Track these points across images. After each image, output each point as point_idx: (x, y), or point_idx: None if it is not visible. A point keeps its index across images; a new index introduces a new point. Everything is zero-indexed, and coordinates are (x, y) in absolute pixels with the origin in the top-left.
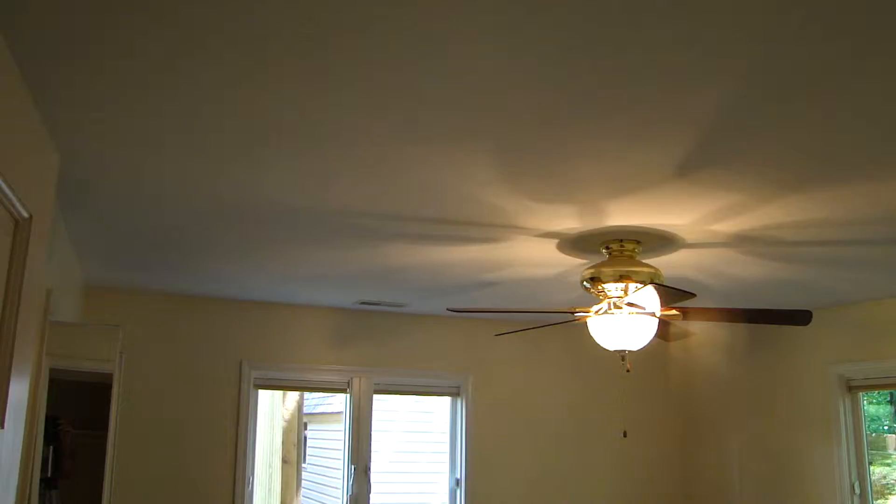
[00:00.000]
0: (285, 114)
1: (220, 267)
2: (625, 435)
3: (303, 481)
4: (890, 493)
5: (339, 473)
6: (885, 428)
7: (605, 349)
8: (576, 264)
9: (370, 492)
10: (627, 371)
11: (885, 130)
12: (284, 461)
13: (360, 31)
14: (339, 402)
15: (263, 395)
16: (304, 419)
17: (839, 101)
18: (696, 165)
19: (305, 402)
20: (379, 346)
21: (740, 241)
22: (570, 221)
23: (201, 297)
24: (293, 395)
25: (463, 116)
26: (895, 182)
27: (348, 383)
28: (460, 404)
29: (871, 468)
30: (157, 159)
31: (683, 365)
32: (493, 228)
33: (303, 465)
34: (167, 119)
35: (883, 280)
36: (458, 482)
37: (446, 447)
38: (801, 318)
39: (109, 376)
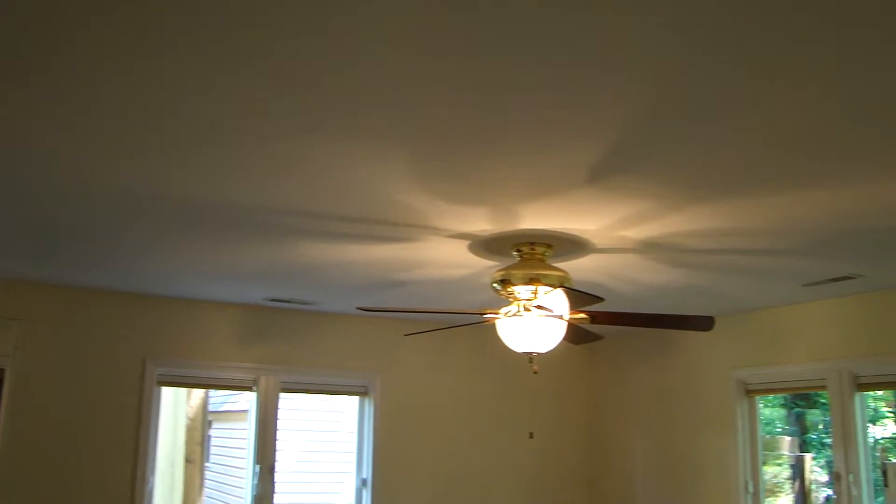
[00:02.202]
0: (187, 108)
1: (125, 261)
2: (531, 436)
3: (206, 481)
4: (780, 492)
5: (244, 473)
6: (779, 430)
7: (513, 351)
8: (486, 266)
9: (275, 492)
10: (535, 373)
11: (784, 148)
12: (187, 460)
13: (264, 24)
14: (245, 401)
15: (167, 392)
16: (209, 417)
17: (742, 117)
18: (606, 172)
19: (210, 400)
20: (287, 344)
21: (647, 248)
22: (482, 223)
23: (104, 291)
24: (198, 393)
25: (376, 115)
26: (792, 195)
27: (255, 381)
28: (368, 404)
29: (764, 468)
30: (53, 151)
31: (590, 367)
32: (404, 228)
33: (206, 464)
34: (62, 112)
35: (780, 289)
36: (364, 482)
37: (353, 447)
38: (703, 323)
39: (2, 371)
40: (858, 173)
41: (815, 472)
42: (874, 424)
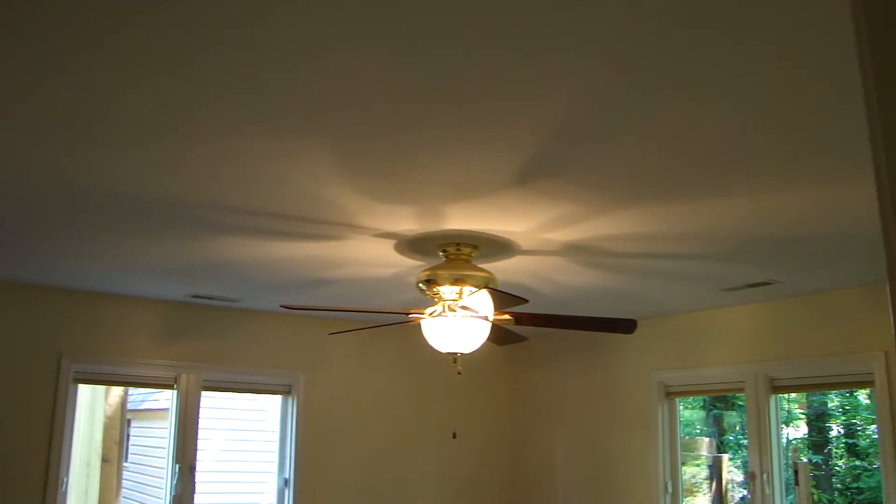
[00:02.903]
0: (117, 104)
1: (41, 254)
2: (454, 436)
3: (124, 481)
4: (698, 492)
5: (164, 473)
6: (698, 431)
7: (438, 351)
8: (412, 266)
9: (195, 492)
10: (459, 373)
11: (706, 157)
12: (104, 460)
13: (196, 23)
14: (165, 399)
15: (84, 389)
16: (128, 416)
17: (664, 127)
18: (533, 175)
19: (130, 398)
20: (209, 342)
21: (572, 251)
22: (408, 223)
23: (18, 285)
24: (117, 391)
25: (302, 111)
26: (708, 203)
27: (175, 379)
28: (291, 403)
29: (683, 468)
30: None
31: (514, 368)
32: (330, 226)
33: (124, 464)
34: None
35: (701, 293)
36: (286, 482)
37: (276, 447)
38: (626, 326)
39: None
40: (769, 184)
41: (732, 472)
42: (787, 426)
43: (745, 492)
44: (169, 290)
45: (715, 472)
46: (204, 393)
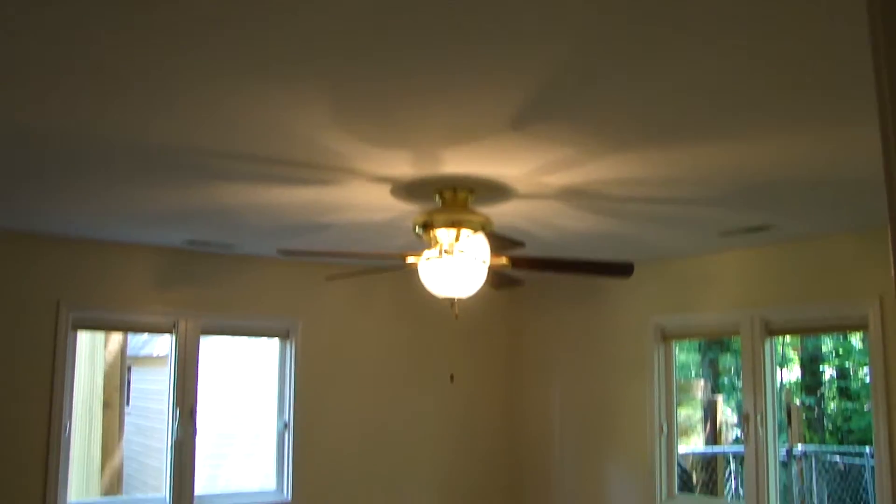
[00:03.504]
0: (105, 47)
1: (38, 202)
2: (452, 379)
3: (126, 426)
4: (693, 433)
5: (165, 417)
6: (693, 374)
7: (435, 295)
8: (408, 210)
9: (196, 435)
10: (456, 317)
11: (704, 100)
12: (106, 405)
13: None
14: (165, 345)
15: (84, 336)
16: (128, 362)
17: (663, 68)
18: (530, 119)
19: (129, 345)
20: (207, 287)
21: (569, 195)
22: (404, 167)
23: (16, 233)
24: (116, 338)
25: (297, 54)
26: (709, 146)
27: (174, 324)
28: (289, 347)
29: (679, 410)
30: None
31: (511, 312)
32: (326, 171)
33: (126, 408)
34: None
35: (698, 237)
36: (286, 425)
37: (275, 390)
38: (623, 270)
39: None
40: (769, 126)
41: (726, 413)
42: (781, 368)
43: (739, 432)
44: (166, 237)
45: (709, 413)
46: (203, 337)
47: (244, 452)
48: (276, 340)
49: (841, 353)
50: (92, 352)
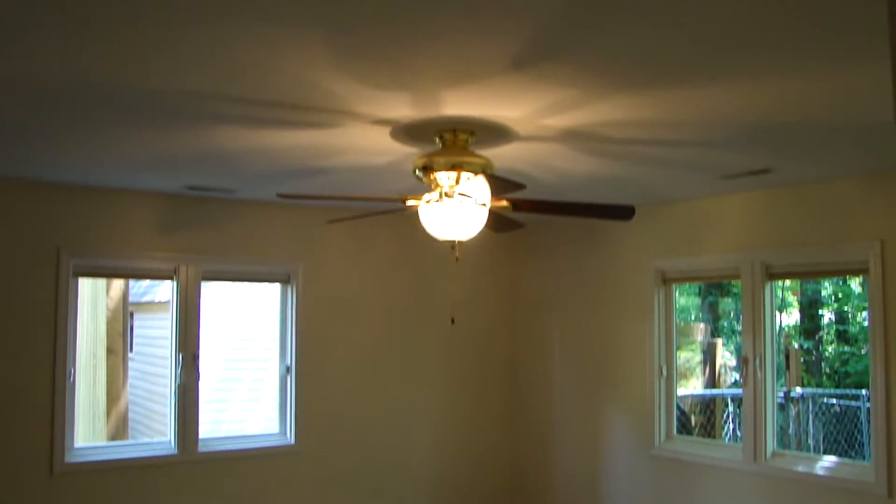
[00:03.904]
0: None
1: (36, 149)
2: (452, 322)
3: (130, 371)
4: (692, 376)
5: (168, 363)
6: (693, 318)
7: (435, 238)
8: (408, 153)
9: (199, 380)
10: (457, 260)
11: (707, 41)
12: (110, 351)
13: None
14: (166, 291)
15: (85, 283)
16: (130, 308)
17: (667, 5)
18: (531, 58)
19: (131, 292)
20: (207, 233)
21: (570, 137)
22: (403, 109)
23: (13, 181)
24: (118, 284)
25: None
26: (712, 88)
27: (175, 270)
28: (291, 291)
29: (678, 353)
30: None
31: (512, 256)
32: (324, 113)
33: (130, 354)
34: None
35: (699, 181)
36: (288, 369)
37: (277, 335)
38: (624, 213)
39: None
40: (774, 66)
41: (725, 356)
42: (780, 312)
43: (738, 375)
44: (165, 183)
45: (709, 356)
46: (204, 283)
47: (247, 397)
48: (277, 285)
49: (840, 297)
50: (94, 298)
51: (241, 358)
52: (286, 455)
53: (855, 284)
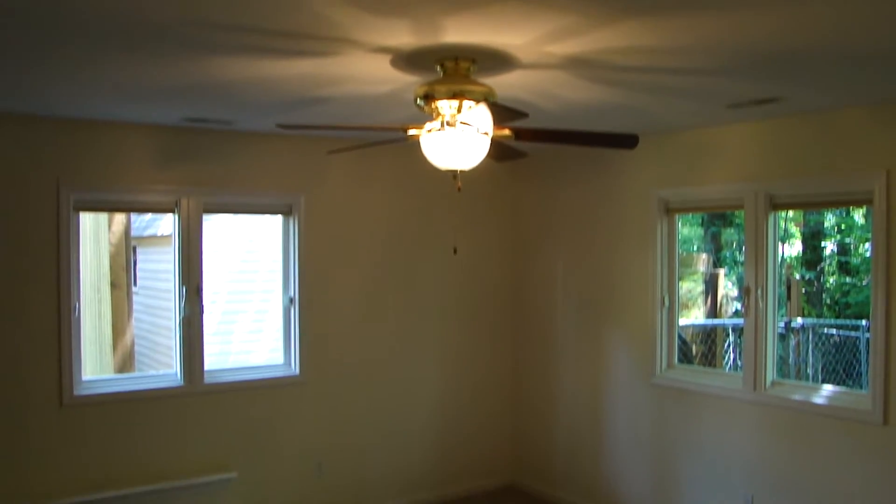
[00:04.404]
0: None
1: (31, 81)
2: (455, 252)
3: (135, 305)
4: (694, 305)
5: (172, 296)
6: (695, 248)
7: (437, 168)
8: (409, 82)
9: (203, 312)
10: (458, 190)
11: None
12: (114, 286)
13: None
14: (169, 225)
15: (87, 218)
16: (133, 243)
17: None
18: None
19: (134, 226)
20: (207, 165)
21: (574, 64)
22: (404, 36)
23: (8, 115)
24: (120, 219)
25: None
26: (719, 14)
27: (176, 203)
28: (292, 223)
29: (681, 283)
30: None
31: (514, 185)
32: (324, 42)
33: (134, 288)
34: None
35: (705, 109)
36: (291, 300)
37: (279, 266)
38: (628, 141)
39: None
40: None
41: (727, 287)
42: (783, 243)
43: (739, 305)
44: (163, 115)
45: (711, 287)
46: (205, 216)
47: (252, 329)
48: (279, 217)
49: (843, 228)
50: (96, 233)
51: (244, 290)
52: (291, 386)
53: (858, 216)
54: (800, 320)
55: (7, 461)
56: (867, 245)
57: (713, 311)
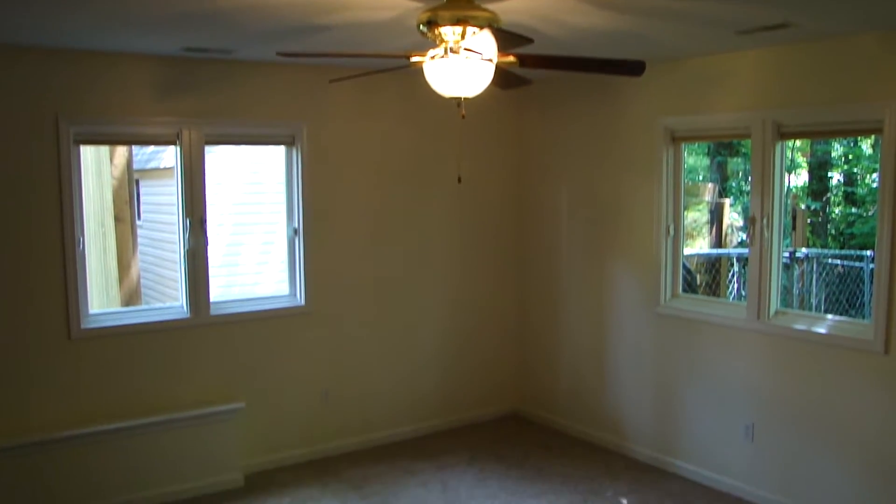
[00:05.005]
0: None
1: (25, 11)
2: (459, 181)
3: (139, 238)
4: (698, 236)
5: (176, 228)
6: (701, 178)
7: (441, 96)
8: (412, 7)
9: (207, 244)
10: (462, 118)
11: None
12: (118, 219)
13: None
14: (171, 157)
15: (88, 152)
16: (135, 176)
17: None
18: None
19: (136, 158)
20: (208, 96)
21: None
22: None
23: (6, 46)
24: (121, 152)
25: None
26: None
27: (177, 135)
28: (295, 153)
29: (686, 213)
30: None
31: (518, 113)
32: None
33: (138, 222)
34: None
35: (713, 36)
36: (296, 231)
37: (283, 197)
38: (634, 68)
39: None
40: None
41: (732, 216)
42: (789, 173)
43: (744, 235)
44: (161, 45)
45: (716, 216)
46: (207, 147)
47: (257, 260)
48: (281, 147)
49: (850, 158)
50: (98, 167)
51: (249, 222)
52: (297, 316)
53: (866, 146)
54: (804, 250)
55: (18, 394)
56: (874, 175)
57: (718, 241)
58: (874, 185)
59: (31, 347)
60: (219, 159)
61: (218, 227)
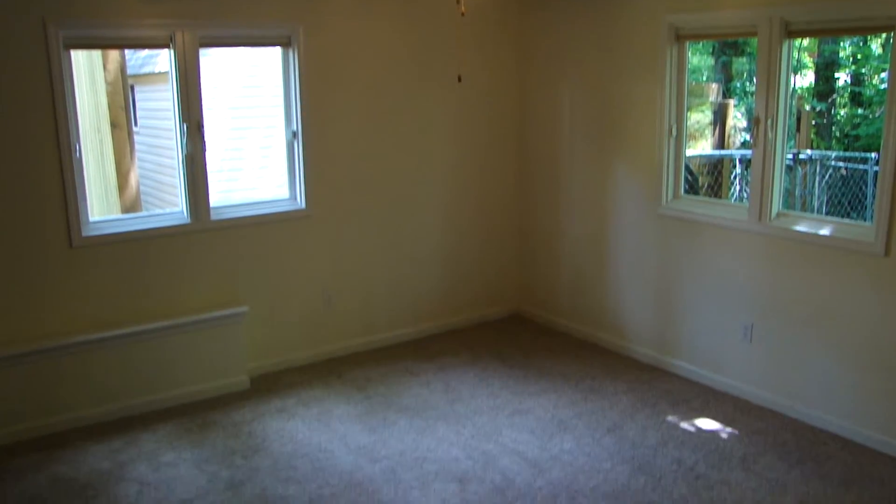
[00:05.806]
0: None
1: None
2: (459, 80)
3: (137, 144)
4: (701, 137)
5: (173, 134)
6: (705, 78)
7: None
8: None
9: (205, 149)
10: (462, 15)
11: None
12: (114, 126)
13: None
14: (165, 61)
15: (79, 57)
16: (130, 81)
17: None
18: None
19: (129, 63)
20: None
21: None
22: None
23: None
24: (114, 57)
25: None
26: None
27: (170, 38)
28: (292, 55)
29: (689, 114)
30: None
31: (520, 10)
32: None
33: (135, 128)
34: None
35: None
36: (294, 134)
37: (281, 100)
38: None
39: None
40: None
41: (736, 117)
42: (795, 74)
43: (748, 136)
44: None
45: (719, 117)
46: (202, 50)
47: (257, 164)
48: (277, 49)
49: (859, 58)
50: (91, 73)
51: (247, 126)
52: (297, 220)
53: (876, 45)
54: (808, 152)
55: (21, 302)
56: (883, 75)
57: (721, 143)
58: (882, 86)
59: (33, 257)
60: (215, 62)
61: (216, 131)
